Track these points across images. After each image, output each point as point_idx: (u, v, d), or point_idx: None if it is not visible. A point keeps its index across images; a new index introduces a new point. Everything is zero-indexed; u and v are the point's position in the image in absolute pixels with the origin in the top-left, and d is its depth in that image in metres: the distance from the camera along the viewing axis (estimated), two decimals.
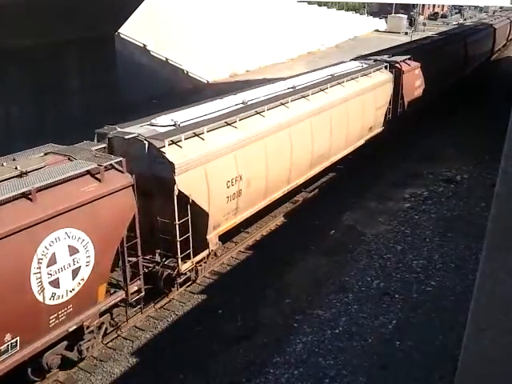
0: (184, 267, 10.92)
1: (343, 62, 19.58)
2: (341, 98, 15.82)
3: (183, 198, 10.38)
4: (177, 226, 10.36)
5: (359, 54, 22.90)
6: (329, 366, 9.40)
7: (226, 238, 12.97)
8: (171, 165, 9.98)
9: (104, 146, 10.04)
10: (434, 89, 23.82)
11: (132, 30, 25.89)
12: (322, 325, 10.52)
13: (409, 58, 21.11)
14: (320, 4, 46.83)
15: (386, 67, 19.06)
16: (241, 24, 35.10)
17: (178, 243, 10.53)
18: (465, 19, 73.76)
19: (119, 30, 24.61)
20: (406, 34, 54.63)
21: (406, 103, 20.78)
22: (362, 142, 17.84)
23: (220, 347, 10.09)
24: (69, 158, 8.85)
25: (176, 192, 10.11)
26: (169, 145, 10.08)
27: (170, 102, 17.47)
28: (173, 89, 27.44)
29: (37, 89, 20.20)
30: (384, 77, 18.86)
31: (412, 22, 61.11)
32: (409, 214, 15.43)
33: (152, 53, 28.52)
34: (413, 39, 37.24)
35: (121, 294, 9.61)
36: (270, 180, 12.88)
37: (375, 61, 19.73)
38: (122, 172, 8.96)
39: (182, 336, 10.44)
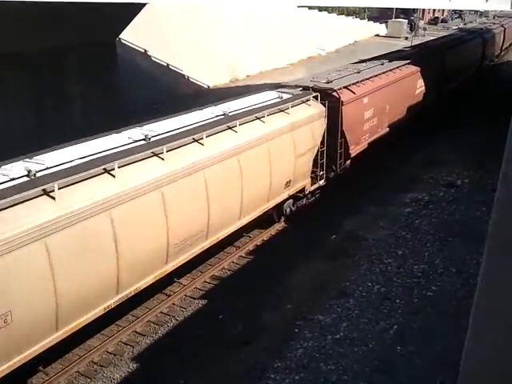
0: None
1: (259, 92, 14.91)
2: (225, 150, 11.26)
3: None
4: None
5: (359, 59, 22.80)
6: (330, 371, 9.36)
7: (226, 242, 12.99)
8: None
9: None
10: (396, 119, 19.54)
11: (133, 35, 25.97)
12: (323, 330, 10.49)
13: (358, 83, 16.65)
14: (320, 9, 46.93)
15: (316, 97, 14.61)
16: (241, 29, 35.19)
17: None
18: (465, 24, 73.92)
19: (120, 36, 24.68)
20: (407, 38, 54.74)
21: (349, 142, 16.16)
22: (277, 200, 13.73)
23: (221, 352, 10.07)
24: None
25: None
26: None
27: (170, 107, 17.50)
28: (174, 94, 27.48)
29: (38, 94, 20.23)
30: (311, 111, 14.32)
31: (412, 27, 61.23)
32: (409, 219, 15.41)
33: (153, 58, 28.59)
34: (413, 44, 37.20)
35: None
36: (66, 298, 8.24)
37: (304, 89, 15.26)
38: None
39: (182, 341, 10.42)
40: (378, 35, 58.54)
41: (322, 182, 15.75)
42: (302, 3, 28.82)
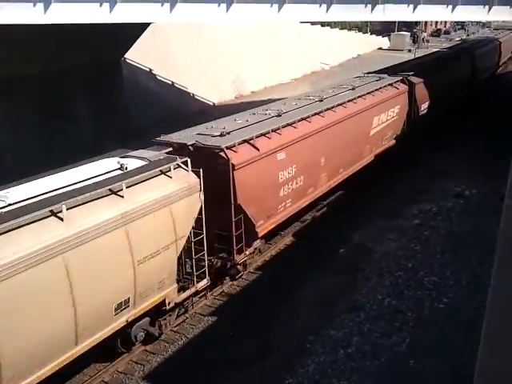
0: None
1: (92, 161, 10.16)
2: None
3: None
4: None
5: (362, 72, 22.72)
6: None
7: None
8: None
9: None
10: (341, 171, 15.61)
11: (138, 54, 26.25)
12: (335, 344, 10.41)
13: (269, 133, 12.29)
14: (323, 24, 47.24)
15: (185, 163, 10.15)
16: (245, 46, 35.47)
17: None
18: (468, 35, 74.14)
19: (125, 55, 24.95)
20: (410, 51, 54.97)
21: (253, 218, 11.99)
22: (98, 338, 8.74)
23: (232, 370, 10.00)
24: None
25: None
26: None
27: (176, 125, 17.58)
28: (180, 112, 27.64)
29: (44, 116, 20.41)
30: (172, 187, 9.75)
31: (415, 39, 61.53)
32: (418, 231, 15.33)
33: (158, 76, 28.84)
34: (416, 56, 37.20)
35: None
36: None
37: (181, 148, 11.08)
38: None
39: (193, 359, 10.37)
40: (381, 48, 58.82)
41: (203, 284, 11.15)
42: (301, 19, 28.97)
